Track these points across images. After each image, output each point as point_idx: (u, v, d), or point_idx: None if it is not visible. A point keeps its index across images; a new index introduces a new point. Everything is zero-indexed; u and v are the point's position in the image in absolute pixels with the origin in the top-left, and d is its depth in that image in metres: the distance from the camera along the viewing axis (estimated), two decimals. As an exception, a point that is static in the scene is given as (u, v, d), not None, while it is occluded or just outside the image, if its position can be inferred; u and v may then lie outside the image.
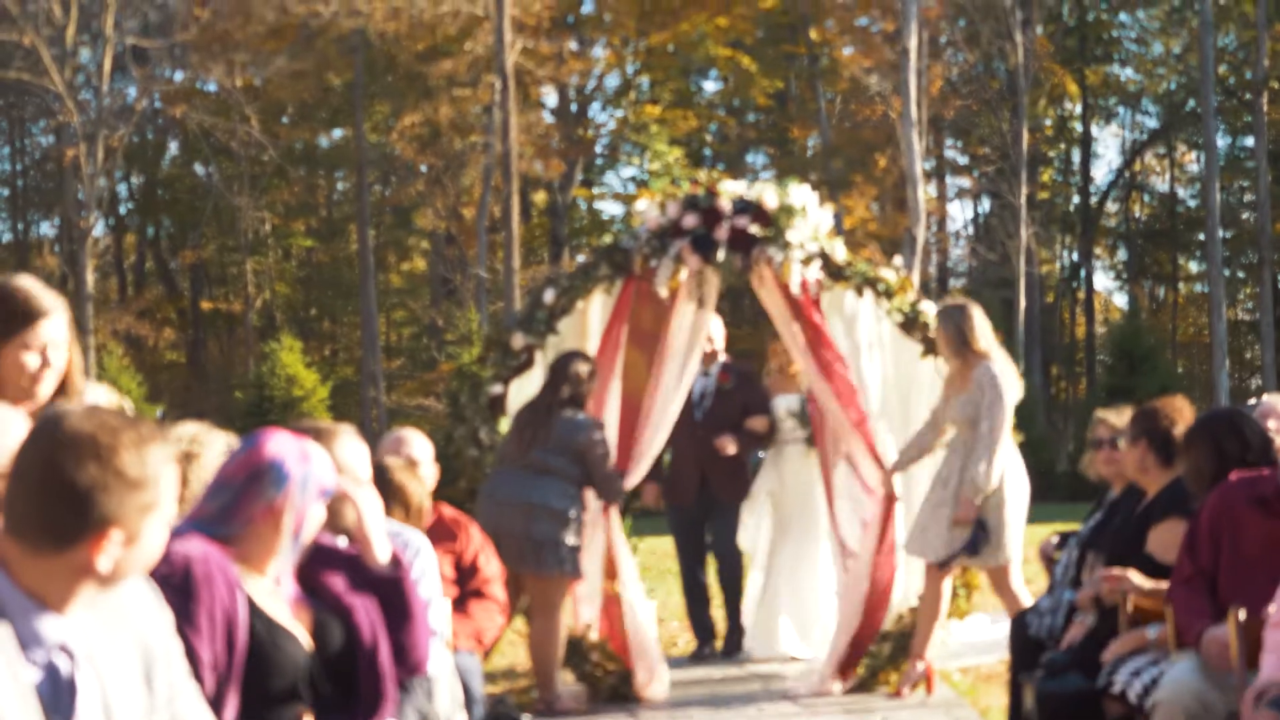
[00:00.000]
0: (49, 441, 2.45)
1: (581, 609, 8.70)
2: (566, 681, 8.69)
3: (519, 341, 8.63)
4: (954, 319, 8.02)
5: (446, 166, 32.35)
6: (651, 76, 35.16)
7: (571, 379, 8.15)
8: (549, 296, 8.68)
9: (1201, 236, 34.70)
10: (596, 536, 8.91)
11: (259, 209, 34.05)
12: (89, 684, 2.48)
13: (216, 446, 4.36)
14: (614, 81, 35.74)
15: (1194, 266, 40.10)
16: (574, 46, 33.38)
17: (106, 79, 27.76)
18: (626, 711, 8.35)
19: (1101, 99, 39.21)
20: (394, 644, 3.72)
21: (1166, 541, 5.50)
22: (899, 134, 26.29)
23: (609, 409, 8.68)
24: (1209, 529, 4.99)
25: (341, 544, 3.88)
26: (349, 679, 3.62)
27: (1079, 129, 38.98)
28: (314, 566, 3.71)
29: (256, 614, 3.44)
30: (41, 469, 2.44)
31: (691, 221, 8.49)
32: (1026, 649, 6.52)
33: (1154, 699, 4.98)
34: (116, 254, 40.09)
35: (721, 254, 8.49)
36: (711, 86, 39.04)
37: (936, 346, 8.54)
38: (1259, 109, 30.77)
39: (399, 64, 31.10)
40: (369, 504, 3.89)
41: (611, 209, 37.15)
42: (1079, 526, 6.87)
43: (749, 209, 8.48)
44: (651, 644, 8.66)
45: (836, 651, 8.60)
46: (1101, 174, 40.88)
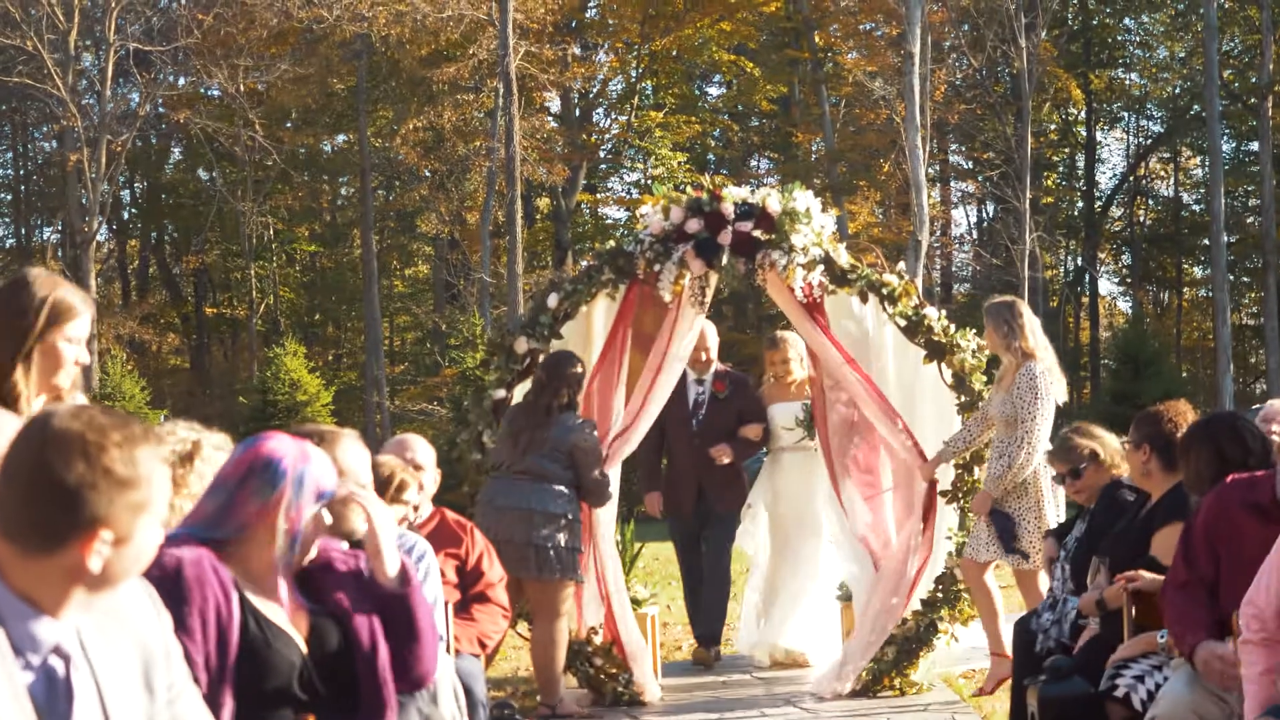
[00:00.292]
0: (38, 440, 2.44)
1: (587, 613, 8.70)
2: (569, 685, 8.68)
3: (522, 346, 8.63)
4: (1003, 316, 7.95)
5: (450, 171, 32.36)
6: (655, 81, 35.18)
7: (569, 382, 8.16)
8: (552, 301, 8.68)
9: (1206, 241, 34.69)
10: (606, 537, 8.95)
11: (262, 214, 34.06)
12: (85, 687, 2.47)
13: (213, 442, 4.38)
14: (617, 86, 35.78)
15: (1198, 271, 40.08)
16: (577, 51, 33.39)
17: (109, 84, 27.78)
18: (629, 715, 8.34)
19: (1106, 103, 39.21)
20: (399, 658, 3.69)
21: (1170, 546, 5.48)
22: (903, 139, 26.28)
23: (614, 412, 8.69)
24: (1205, 535, 4.94)
25: (343, 546, 3.85)
26: (348, 683, 3.60)
27: (1083, 134, 38.98)
28: (318, 572, 3.68)
29: (250, 615, 3.44)
30: (30, 469, 2.42)
31: (695, 226, 8.49)
32: (1030, 654, 6.50)
33: (1151, 714, 4.95)
34: (120, 259, 40.13)
35: (725, 258, 8.48)
36: (715, 91, 39.10)
37: (939, 351, 8.53)
38: (1264, 113, 30.74)
39: (402, 69, 31.11)
40: (380, 513, 3.82)
41: (615, 214, 37.18)
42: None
43: (752, 213, 8.47)
44: (641, 646, 8.67)
45: (858, 650, 8.55)
46: (1106, 179, 40.91)
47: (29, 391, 4.17)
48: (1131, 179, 39.91)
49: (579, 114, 35.90)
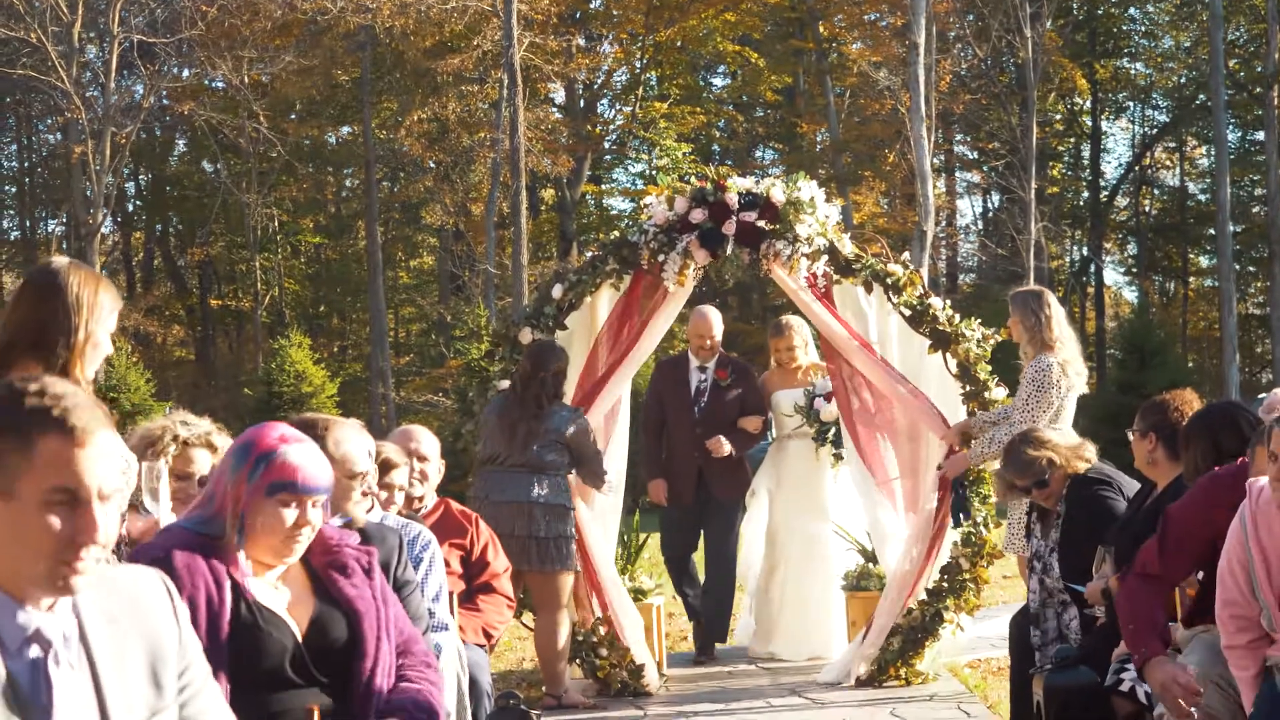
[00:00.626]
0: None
1: (595, 603, 8.71)
2: (575, 676, 8.69)
3: (527, 337, 8.63)
4: (1030, 306, 7.86)
5: (455, 163, 32.35)
6: (659, 72, 35.13)
7: (556, 373, 8.20)
8: (557, 292, 8.68)
9: (1212, 231, 34.65)
10: (611, 527, 8.95)
11: (267, 206, 34.05)
12: (70, 677, 2.44)
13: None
14: (622, 77, 35.74)
15: (1204, 261, 40.01)
16: (582, 42, 33.36)
17: (114, 76, 27.78)
18: (635, 706, 8.34)
19: (1111, 93, 39.14)
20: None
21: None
22: (908, 129, 26.25)
23: (610, 400, 8.75)
24: (1185, 535, 4.82)
25: (336, 523, 3.89)
26: (347, 673, 3.63)
27: (1089, 123, 38.91)
28: (336, 566, 3.72)
29: (243, 600, 3.50)
30: None
31: (699, 216, 8.48)
32: (1027, 647, 6.48)
33: (1159, 711, 4.93)
34: (124, 251, 40.14)
35: (729, 248, 8.47)
36: (720, 82, 39.06)
37: (944, 340, 8.51)
38: (1269, 103, 30.68)
39: (407, 60, 31.09)
40: None
41: (620, 205, 37.17)
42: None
43: (757, 203, 8.47)
44: (638, 634, 8.68)
45: (876, 636, 8.55)
46: (1111, 168, 40.92)
47: (87, 387, 4.17)
48: (1137, 168, 39.86)
49: (583, 105, 35.87)
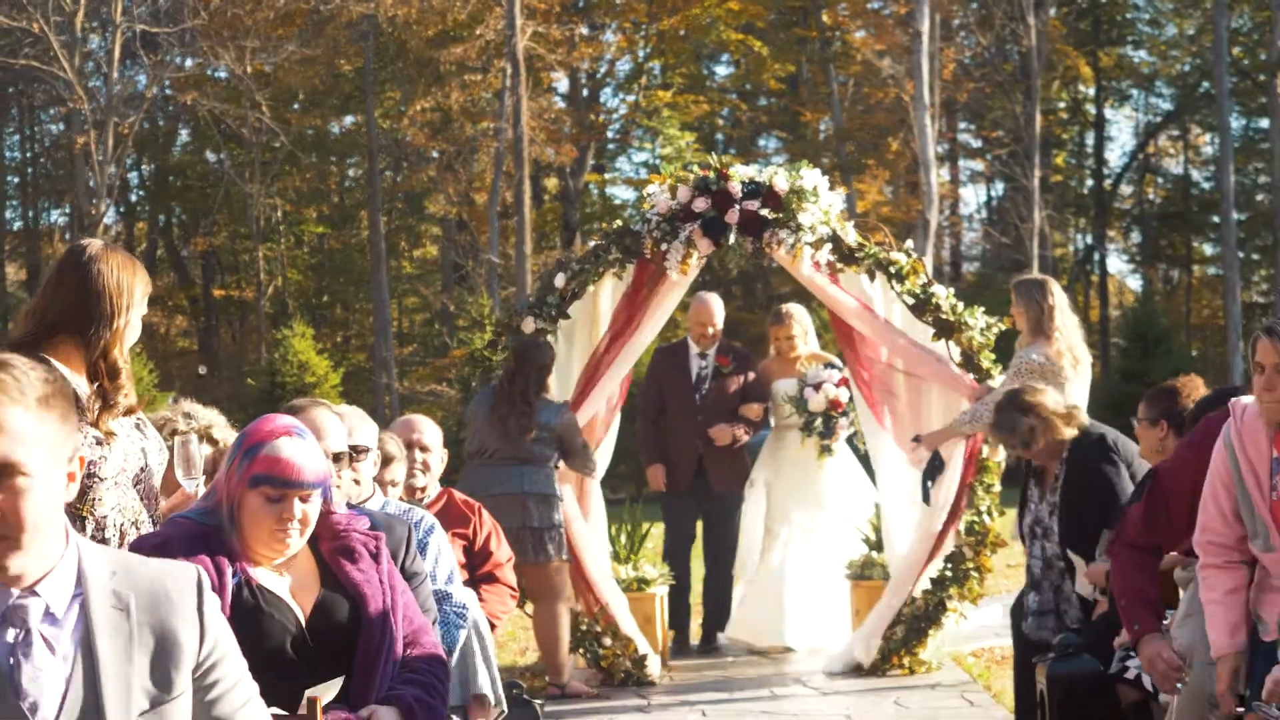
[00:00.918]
0: None
1: (599, 592, 8.71)
2: (579, 665, 8.69)
3: (530, 326, 8.63)
4: (1033, 295, 7.83)
5: (458, 152, 32.29)
6: (663, 61, 35.07)
7: (541, 368, 8.24)
8: (560, 281, 8.68)
9: (1216, 219, 34.57)
10: (599, 516, 9.01)
11: (270, 196, 34.01)
12: (48, 660, 2.42)
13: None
14: (625, 66, 35.69)
15: (1208, 249, 39.93)
16: (585, 31, 33.31)
17: (116, 66, 27.75)
18: (639, 695, 8.34)
19: (1115, 81, 39.05)
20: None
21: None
22: (911, 117, 26.22)
23: (611, 386, 8.76)
24: (1180, 499, 4.72)
25: (341, 508, 3.91)
26: (348, 657, 3.67)
27: (1092, 112, 38.84)
28: (344, 551, 3.74)
29: (245, 584, 3.56)
30: None
31: (702, 205, 8.48)
32: (1027, 637, 6.48)
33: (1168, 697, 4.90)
34: (127, 241, 40.09)
35: (732, 237, 8.46)
36: (723, 71, 38.99)
37: (947, 329, 8.50)
38: (1274, 90, 30.61)
39: (409, 50, 31.03)
40: None
41: (623, 194, 37.11)
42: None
43: (760, 192, 8.46)
44: (630, 623, 8.69)
45: (883, 619, 8.56)
46: (1115, 157, 40.77)
47: (125, 368, 4.18)
48: (1141, 156, 39.78)
49: (587, 94, 35.82)
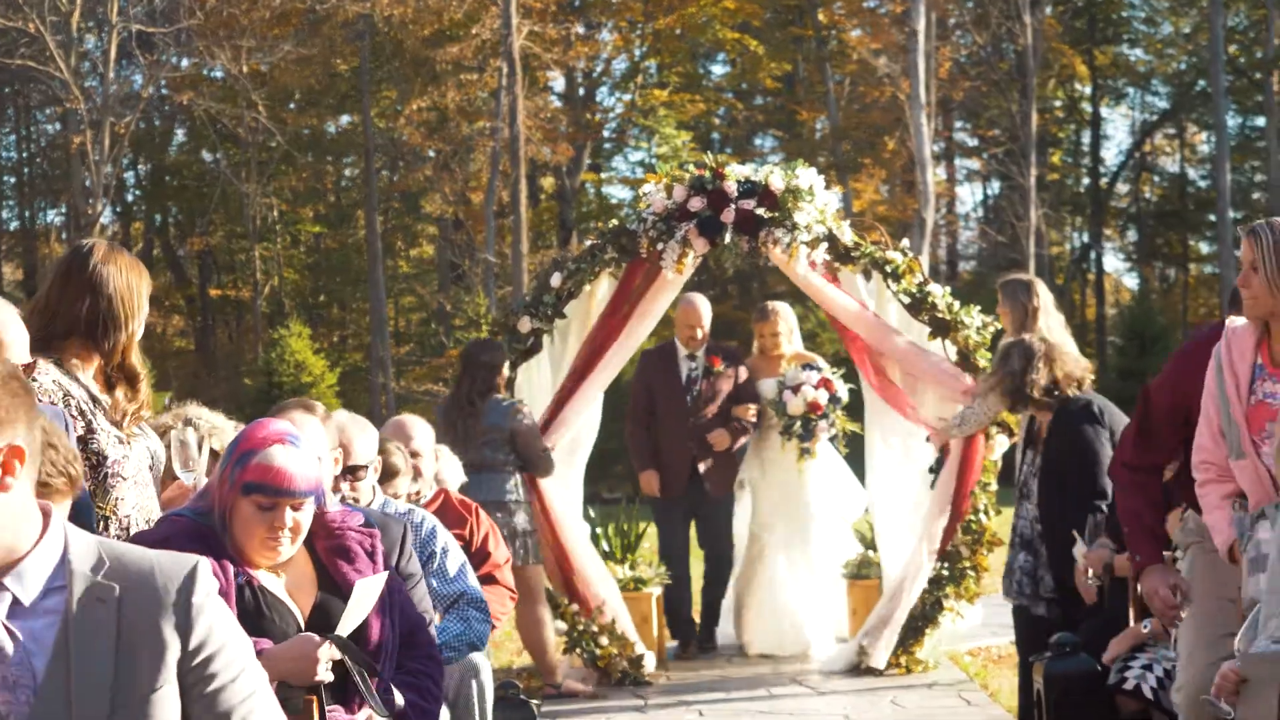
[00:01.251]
0: None
1: (595, 591, 8.71)
2: (575, 665, 8.69)
3: (526, 326, 8.63)
4: (1018, 296, 7.82)
5: (454, 152, 32.28)
6: (659, 60, 35.06)
7: (483, 368, 8.23)
8: (555, 280, 8.68)
9: (1212, 217, 34.61)
10: (575, 509, 9.02)
11: (267, 195, 33.99)
12: (9, 645, 2.41)
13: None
14: (621, 65, 35.68)
15: (1205, 247, 39.94)
16: (581, 30, 33.29)
17: (112, 66, 27.73)
18: (636, 695, 8.34)
19: (1111, 80, 39.05)
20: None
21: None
22: (907, 116, 26.22)
23: (599, 386, 8.77)
24: (1170, 415, 4.71)
25: (334, 506, 3.91)
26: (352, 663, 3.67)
27: (1088, 110, 38.84)
28: (342, 553, 3.76)
29: (246, 585, 3.59)
30: None
31: (698, 204, 8.47)
32: (1032, 631, 6.49)
33: (1177, 700, 4.81)
34: (124, 241, 40.06)
35: (728, 236, 8.45)
36: (719, 70, 38.98)
37: (943, 328, 8.50)
38: (1269, 88, 30.64)
39: (405, 49, 31.01)
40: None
41: (620, 193, 37.10)
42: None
43: (755, 191, 8.45)
44: (626, 621, 8.69)
45: (893, 618, 8.54)
46: (1111, 155, 40.81)
47: (142, 369, 4.18)
48: (1137, 155, 39.79)
49: (583, 93, 35.81)
